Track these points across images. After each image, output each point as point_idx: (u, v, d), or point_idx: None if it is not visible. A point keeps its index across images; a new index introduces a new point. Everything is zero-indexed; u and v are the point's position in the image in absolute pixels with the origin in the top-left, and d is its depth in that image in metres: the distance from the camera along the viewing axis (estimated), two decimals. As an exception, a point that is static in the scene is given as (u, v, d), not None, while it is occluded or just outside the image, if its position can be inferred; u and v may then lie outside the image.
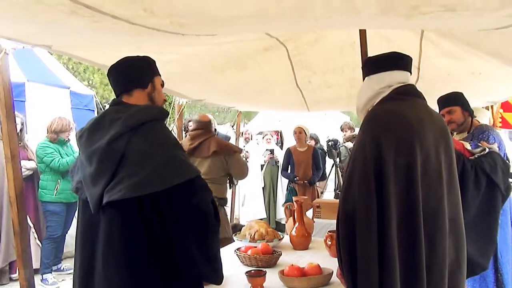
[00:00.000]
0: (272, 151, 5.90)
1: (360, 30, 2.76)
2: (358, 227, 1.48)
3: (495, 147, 2.37)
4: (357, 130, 6.26)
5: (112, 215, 1.37)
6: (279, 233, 2.53)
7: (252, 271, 1.80)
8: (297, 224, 2.44)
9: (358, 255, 1.47)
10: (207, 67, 3.07)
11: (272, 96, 4.20)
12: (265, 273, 1.76)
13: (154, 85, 1.57)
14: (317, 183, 5.20)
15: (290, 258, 2.22)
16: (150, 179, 1.32)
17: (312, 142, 5.88)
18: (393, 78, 1.68)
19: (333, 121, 8.70)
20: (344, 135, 5.81)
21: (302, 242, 2.42)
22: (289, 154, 4.99)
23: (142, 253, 1.34)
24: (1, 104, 2.25)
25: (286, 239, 2.52)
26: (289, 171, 5.04)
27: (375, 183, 1.49)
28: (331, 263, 1.94)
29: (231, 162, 3.21)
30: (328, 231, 2.30)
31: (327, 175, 5.63)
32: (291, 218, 2.54)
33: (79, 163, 1.48)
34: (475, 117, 2.77)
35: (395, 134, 1.53)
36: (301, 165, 4.90)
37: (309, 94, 4.03)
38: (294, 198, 2.53)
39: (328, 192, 6.16)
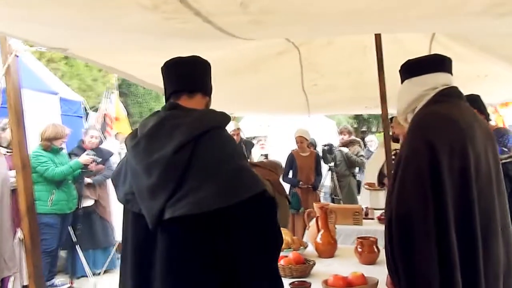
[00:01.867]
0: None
1: (375, 34, 2.75)
2: (415, 232, 1.43)
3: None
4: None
5: (174, 231, 1.25)
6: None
7: (296, 282, 1.73)
8: (322, 231, 2.38)
9: (416, 261, 1.42)
10: (220, 72, 2.99)
11: (276, 100, 4.15)
12: (310, 285, 1.69)
13: (211, 95, 1.47)
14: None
15: (319, 266, 2.15)
16: (219, 193, 1.21)
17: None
18: (437, 80, 1.65)
19: (319, 124, 8.70)
20: (342, 138, 5.80)
21: (328, 250, 2.35)
22: (292, 158, 4.93)
23: (206, 272, 1.23)
24: (11, 111, 2.10)
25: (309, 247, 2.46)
26: (289, 176, 4.98)
27: (430, 187, 1.45)
28: (372, 272, 1.88)
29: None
30: (357, 238, 2.25)
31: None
32: (314, 225, 2.48)
33: (131, 172, 1.35)
34: (491, 120, 2.80)
35: (448, 138, 1.49)
36: (304, 170, 4.85)
37: (313, 97, 4.01)
38: (316, 205, 2.47)
39: (322, 198, 6.13)
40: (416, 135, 1.55)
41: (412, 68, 1.72)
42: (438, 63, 1.68)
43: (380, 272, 1.95)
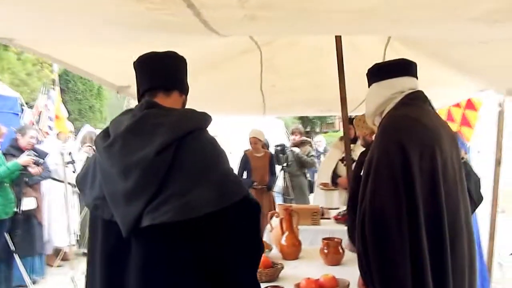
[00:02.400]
0: None
1: (336, 36, 2.79)
2: (389, 228, 1.45)
3: (466, 156, 2.54)
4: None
5: (152, 239, 1.15)
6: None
7: (270, 287, 1.69)
8: (286, 233, 2.37)
9: (390, 259, 1.45)
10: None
11: (233, 100, 4.09)
12: (284, 289, 1.66)
13: (187, 94, 1.39)
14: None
15: (286, 269, 2.13)
16: (206, 198, 1.13)
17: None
18: (404, 84, 1.70)
19: (269, 125, 8.75)
20: (294, 139, 5.85)
21: (293, 252, 2.34)
22: (246, 159, 4.89)
23: (186, 281, 1.15)
24: None
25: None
26: (243, 176, 4.94)
27: (403, 187, 1.48)
28: (339, 273, 1.90)
29: None
30: (323, 239, 2.26)
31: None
32: (278, 226, 2.46)
33: (102, 175, 1.22)
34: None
35: (418, 141, 1.53)
36: (259, 170, 4.84)
37: (270, 98, 3.99)
38: (281, 206, 2.46)
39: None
40: (387, 137, 1.58)
41: (381, 72, 1.76)
42: (405, 67, 1.73)
43: (347, 273, 1.98)
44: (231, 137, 6.70)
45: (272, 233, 2.60)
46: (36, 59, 12.47)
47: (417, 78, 1.76)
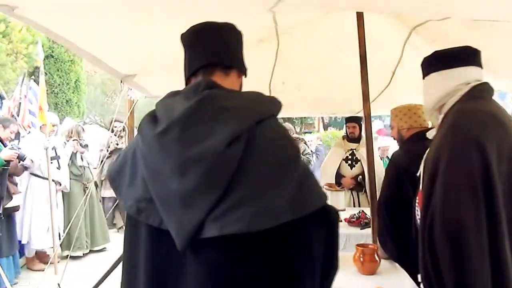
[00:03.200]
0: None
1: (357, 12, 2.58)
2: (469, 249, 1.26)
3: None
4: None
5: (217, 254, 0.92)
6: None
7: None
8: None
9: (471, 281, 1.26)
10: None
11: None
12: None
13: (245, 76, 1.16)
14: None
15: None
16: (284, 203, 0.90)
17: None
18: (471, 74, 1.53)
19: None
20: None
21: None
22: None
23: None
24: None
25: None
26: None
27: (483, 195, 1.29)
28: (378, 283, 1.73)
29: None
30: (357, 245, 2.07)
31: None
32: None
33: (148, 171, 0.98)
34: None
35: (495, 138, 1.36)
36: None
37: (277, 96, 3.77)
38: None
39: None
40: (459, 134, 1.39)
41: (443, 60, 1.58)
42: (471, 56, 1.56)
43: (388, 283, 1.81)
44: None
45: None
46: (10, 49, 11.84)
47: (482, 68, 1.58)
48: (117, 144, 5.69)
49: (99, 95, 18.23)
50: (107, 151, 5.68)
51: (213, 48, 1.09)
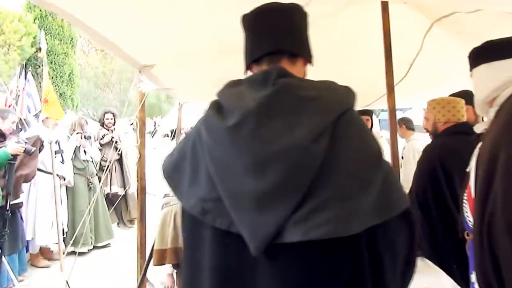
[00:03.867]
0: None
1: (382, 1, 2.52)
2: None
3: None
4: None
5: (297, 261, 0.85)
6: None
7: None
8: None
9: None
10: (209, 47, 2.51)
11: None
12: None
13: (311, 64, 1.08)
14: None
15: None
16: (370, 206, 0.84)
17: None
18: None
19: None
20: None
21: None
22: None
23: None
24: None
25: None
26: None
27: None
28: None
29: None
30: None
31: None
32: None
33: (216, 168, 0.90)
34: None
35: None
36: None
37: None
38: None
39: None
40: None
41: (495, 50, 1.51)
42: None
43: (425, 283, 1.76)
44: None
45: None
46: (3, 40, 11.56)
47: None
48: (110, 138, 5.55)
49: (92, 88, 17.97)
50: (100, 144, 5.56)
51: (280, 33, 1.01)
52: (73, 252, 4.71)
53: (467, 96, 2.56)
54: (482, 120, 2.74)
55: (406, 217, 0.91)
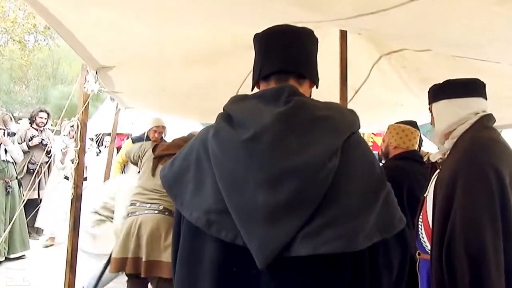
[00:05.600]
0: None
1: (340, 30, 2.65)
2: (486, 263, 1.36)
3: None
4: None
5: (301, 275, 0.87)
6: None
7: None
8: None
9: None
10: (167, 57, 2.44)
11: (204, 102, 3.66)
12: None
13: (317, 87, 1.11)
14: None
15: None
16: (375, 223, 0.88)
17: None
18: (480, 105, 1.67)
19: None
20: None
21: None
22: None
23: None
24: None
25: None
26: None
27: (501, 215, 1.41)
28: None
29: None
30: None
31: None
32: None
33: (224, 180, 0.90)
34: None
35: (508, 166, 1.48)
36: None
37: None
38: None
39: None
40: (478, 160, 1.49)
41: (456, 89, 1.69)
42: (480, 88, 1.69)
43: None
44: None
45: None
46: None
47: (487, 100, 1.72)
48: (40, 140, 5.08)
49: (6, 81, 16.34)
50: (27, 146, 5.08)
51: (289, 54, 1.04)
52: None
53: (415, 125, 2.80)
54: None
55: (402, 236, 0.96)
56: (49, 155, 5.07)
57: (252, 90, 1.11)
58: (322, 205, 0.86)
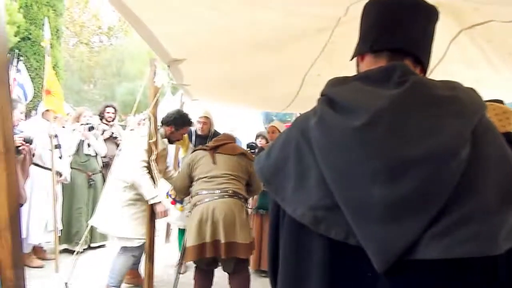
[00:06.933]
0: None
1: None
2: None
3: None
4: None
5: (430, 278, 0.76)
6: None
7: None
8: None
9: None
10: (236, 45, 2.41)
11: (261, 90, 3.65)
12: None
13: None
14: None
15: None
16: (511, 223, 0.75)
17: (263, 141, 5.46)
18: None
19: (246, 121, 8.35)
20: (260, 141, 5.50)
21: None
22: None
23: None
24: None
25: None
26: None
27: None
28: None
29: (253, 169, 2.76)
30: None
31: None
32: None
33: (333, 171, 0.81)
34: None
35: None
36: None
37: (307, 88, 3.63)
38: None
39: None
40: None
41: None
42: None
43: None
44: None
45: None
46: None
47: None
48: (110, 133, 5.32)
49: (76, 82, 17.48)
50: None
51: (412, 32, 0.91)
52: (66, 251, 4.52)
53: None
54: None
55: None
56: (119, 149, 5.32)
57: (351, 60, 1.01)
58: (452, 200, 0.75)
